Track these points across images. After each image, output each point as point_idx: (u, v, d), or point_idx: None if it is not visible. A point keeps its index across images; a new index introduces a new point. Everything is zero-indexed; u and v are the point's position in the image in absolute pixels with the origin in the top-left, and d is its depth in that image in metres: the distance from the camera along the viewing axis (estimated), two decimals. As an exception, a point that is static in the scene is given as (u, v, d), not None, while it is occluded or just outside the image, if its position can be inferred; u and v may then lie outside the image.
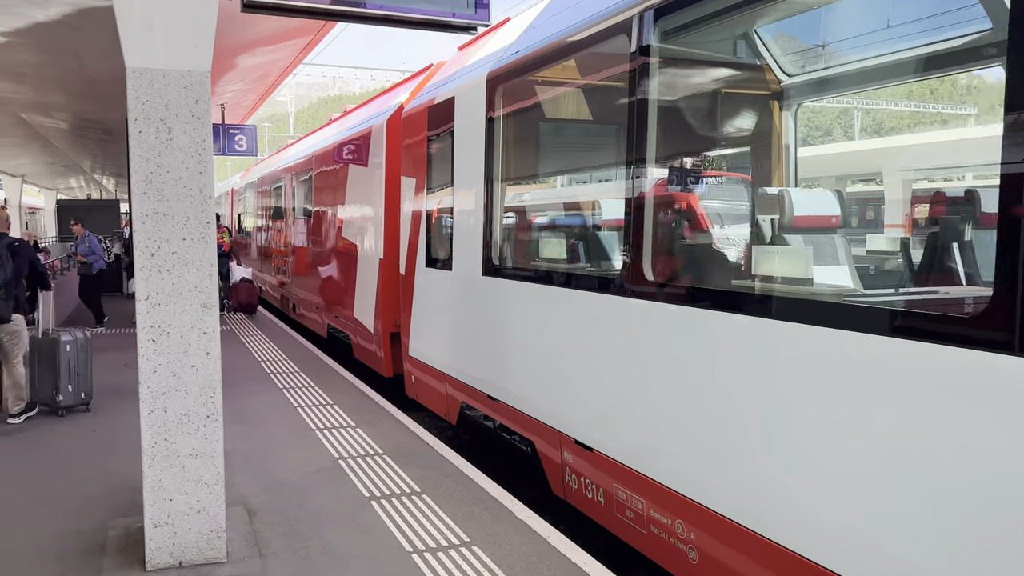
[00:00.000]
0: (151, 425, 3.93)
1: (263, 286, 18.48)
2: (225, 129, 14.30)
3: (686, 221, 4.11)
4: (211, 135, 4.01)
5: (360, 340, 10.08)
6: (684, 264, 4.19)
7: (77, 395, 7.35)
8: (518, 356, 5.56)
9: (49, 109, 14.93)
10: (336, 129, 12.70)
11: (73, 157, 25.94)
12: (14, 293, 6.68)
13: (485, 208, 6.07)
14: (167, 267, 3.94)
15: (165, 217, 3.92)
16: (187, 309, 3.97)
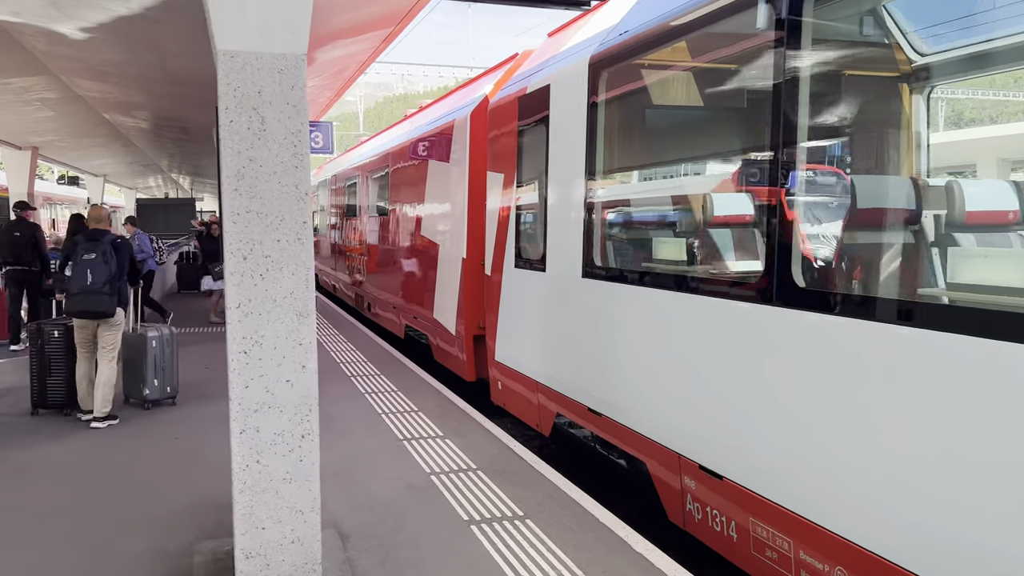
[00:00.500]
0: (242, 446, 3.57)
1: (337, 284, 18.41)
2: (301, 126, 14.18)
3: (842, 218, 3.54)
4: (307, 125, 3.62)
5: (440, 342, 9.72)
6: (843, 268, 3.61)
7: (163, 389, 7.50)
8: (626, 367, 5.05)
9: (130, 108, 15.08)
10: (412, 125, 12.38)
11: (152, 156, 26.51)
12: (117, 288, 6.76)
13: (585, 204, 5.58)
14: (260, 271, 3.57)
15: (258, 216, 3.55)
16: (282, 318, 3.59)
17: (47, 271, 11.14)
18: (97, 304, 6.62)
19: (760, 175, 3.94)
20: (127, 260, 6.96)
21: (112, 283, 6.67)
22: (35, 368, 7.16)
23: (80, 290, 6.59)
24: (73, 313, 6.77)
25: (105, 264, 6.60)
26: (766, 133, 3.74)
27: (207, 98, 13.36)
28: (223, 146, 3.49)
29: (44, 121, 16.41)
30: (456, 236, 8.98)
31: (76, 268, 6.63)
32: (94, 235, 6.86)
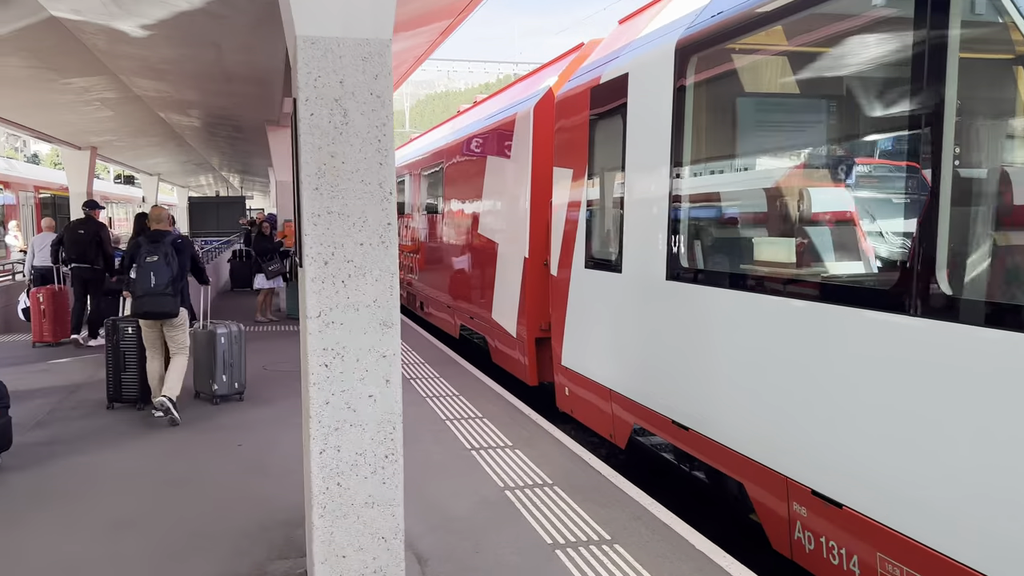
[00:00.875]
0: (322, 467, 3.29)
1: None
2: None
3: (1004, 215, 3.11)
4: (392, 118, 3.32)
5: (499, 344, 9.41)
6: (1004, 273, 3.18)
7: (231, 385, 7.63)
8: (720, 379, 4.66)
9: (185, 107, 15.10)
10: (467, 121, 12.10)
11: (204, 155, 26.78)
12: (179, 289, 6.86)
13: (670, 199, 5.20)
14: (342, 277, 3.28)
15: (340, 217, 3.27)
16: (364, 328, 3.31)
17: (111, 269, 11.15)
18: (161, 305, 6.70)
19: (899, 168, 3.52)
20: (188, 260, 7.02)
21: (175, 284, 6.73)
22: (110, 363, 7.38)
23: (144, 292, 6.67)
24: (139, 314, 6.87)
25: (167, 265, 6.67)
26: (905, 121, 3.32)
27: (260, 95, 13.30)
28: (302, 141, 3.22)
29: (103, 121, 16.56)
30: (517, 234, 8.67)
31: (140, 270, 6.71)
32: (155, 236, 6.91)
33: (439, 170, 12.69)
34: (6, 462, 5.74)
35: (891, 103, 3.51)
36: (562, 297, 7.23)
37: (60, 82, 11.84)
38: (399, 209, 16.36)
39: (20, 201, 21.58)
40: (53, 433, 6.64)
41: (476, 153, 10.37)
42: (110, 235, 11.54)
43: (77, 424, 6.92)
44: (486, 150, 9.86)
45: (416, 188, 14.55)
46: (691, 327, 4.96)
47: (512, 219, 8.90)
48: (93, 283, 10.96)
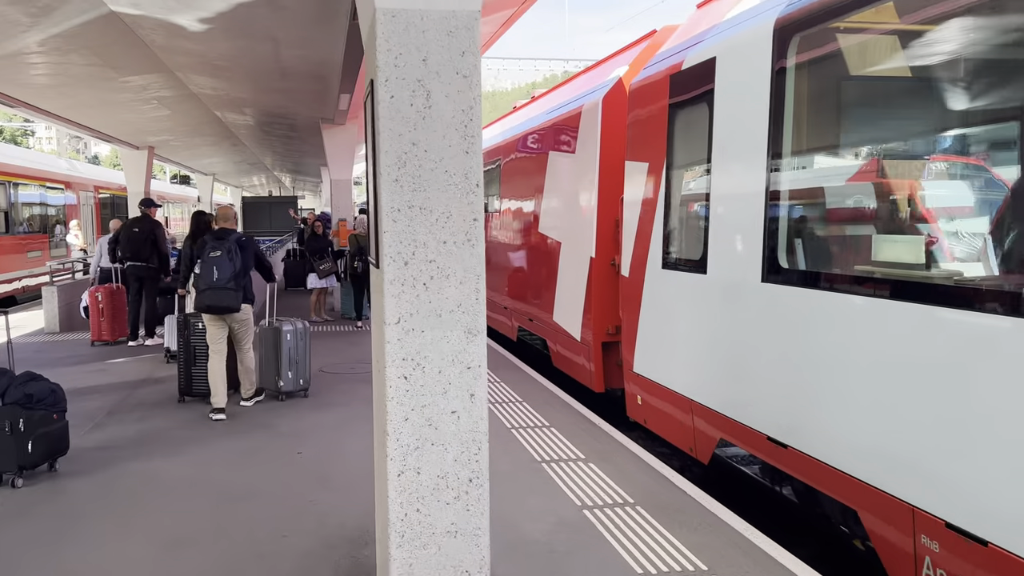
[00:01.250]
0: (400, 491, 2.94)
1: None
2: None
3: None
4: (479, 101, 2.96)
5: (561, 348, 9.02)
6: None
7: (296, 381, 7.72)
8: (831, 394, 4.19)
9: (241, 105, 15.06)
10: (526, 116, 11.73)
11: (257, 154, 26.97)
12: (242, 284, 6.94)
13: (767, 193, 4.74)
14: (423, 280, 2.93)
15: (422, 212, 2.92)
16: (448, 336, 2.95)
17: (165, 268, 11.09)
18: (222, 299, 6.77)
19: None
20: (252, 257, 7.12)
21: (237, 279, 6.81)
22: (181, 358, 7.57)
23: (207, 286, 6.79)
24: (201, 309, 6.95)
25: (230, 261, 6.76)
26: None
27: (316, 92, 13.12)
28: (381, 127, 2.87)
29: (160, 120, 16.65)
30: (583, 233, 8.26)
31: (204, 265, 6.84)
32: (221, 234, 7.04)
33: (496, 167, 12.35)
34: (63, 467, 5.57)
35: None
36: (635, 300, 6.81)
37: (119, 80, 11.84)
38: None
39: (80, 201, 21.96)
40: (110, 436, 6.47)
41: (536, 149, 9.99)
42: (165, 234, 11.48)
43: (134, 427, 6.75)
44: (547, 145, 9.47)
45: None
46: (793, 334, 4.49)
47: (577, 217, 8.50)
48: (148, 281, 10.90)
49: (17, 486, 5.17)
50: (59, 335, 11.88)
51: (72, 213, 21.05)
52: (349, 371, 9.09)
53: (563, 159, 8.97)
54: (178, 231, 32.07)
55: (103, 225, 23.50)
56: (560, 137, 9.02)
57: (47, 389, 5.32)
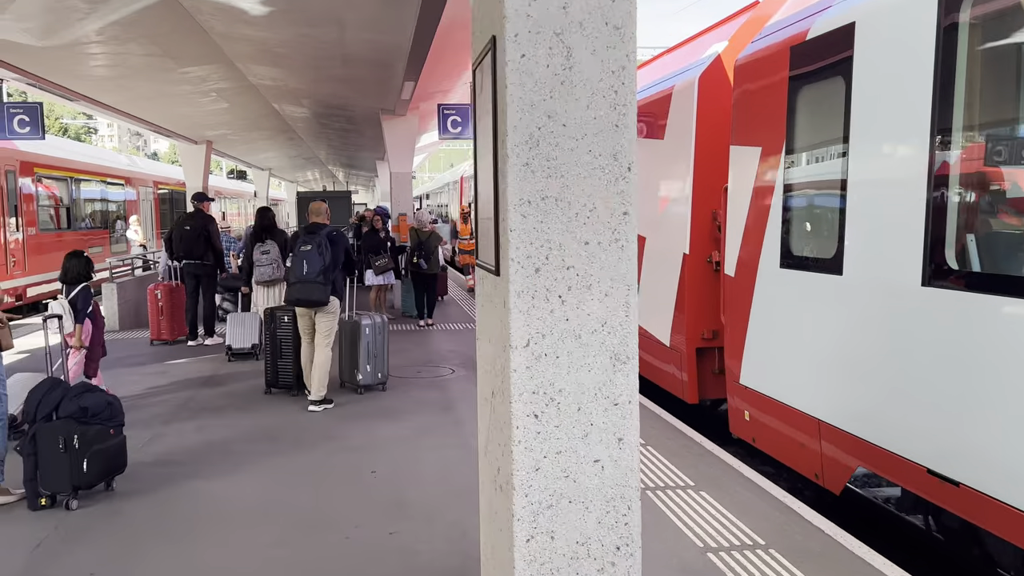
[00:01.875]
0: (531, 560, 2.31)
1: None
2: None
3: None
4: (634, 60, 2.29)
5: (645, 353, 8.30)
6: None
7: (375, 375, 7.70)
8: (1017, 424, 3.42)
9: (299, 97, 14.67)
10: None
11: (313, 148, 26.79)
12: (331, 279, 6.97)
13: (930, 179, 3.96)
14: (559, 291, 2.29)
15: (558, 205, 2.27)
16: (589, 363, 2.31)
17: (220, 265, 10.71)
18: (310, 293, 6.83)
19: None
20: (342, 252, 7.18)
21: (326, 274, 6.84)
22: (267, 350, 7.67)
23: (296, 280, 6.86)
24: (291, 302, 7.09)
25: (320, 256, 6.79)
26: None
27: (379, 80, 12.59)
28: (510, 96, 2.23)
29: (218, 113, 16.41)
30: (673, 227, 7.52)
31: (294, 259, 6.94)
32: (312, 228, 7.11)
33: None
34: (121, 486, 5.10)
35: None
36: (742, 302, 6.06)
37: (177, 72, 11.51)
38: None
39: (140, 196, 22.00)
40: (169, 448, 6.02)
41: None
42: (219, 228, 11.06)
43: (194, 438, 6.29)
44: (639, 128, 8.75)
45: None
46: (967, 349, 3.71)
47: (667, 210, 7.76)
48: (204, 279, 10.52)
49: (72, 508, 4.72)
50: (118, 333, 11.63)
51: (132, 209, 21.08)
52: (415, 375, 8.54)
53: (647, 146, 8.24)
54: (234, 225, 32.18)
55: (162, 221, 23.56)
56: (644, 122, 8.28)
57: (103, 402, 4.85)
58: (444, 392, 7.75)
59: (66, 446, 4.62)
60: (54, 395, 4.73)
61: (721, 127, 6.83)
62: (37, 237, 15.20)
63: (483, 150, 2.60)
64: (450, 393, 7.70)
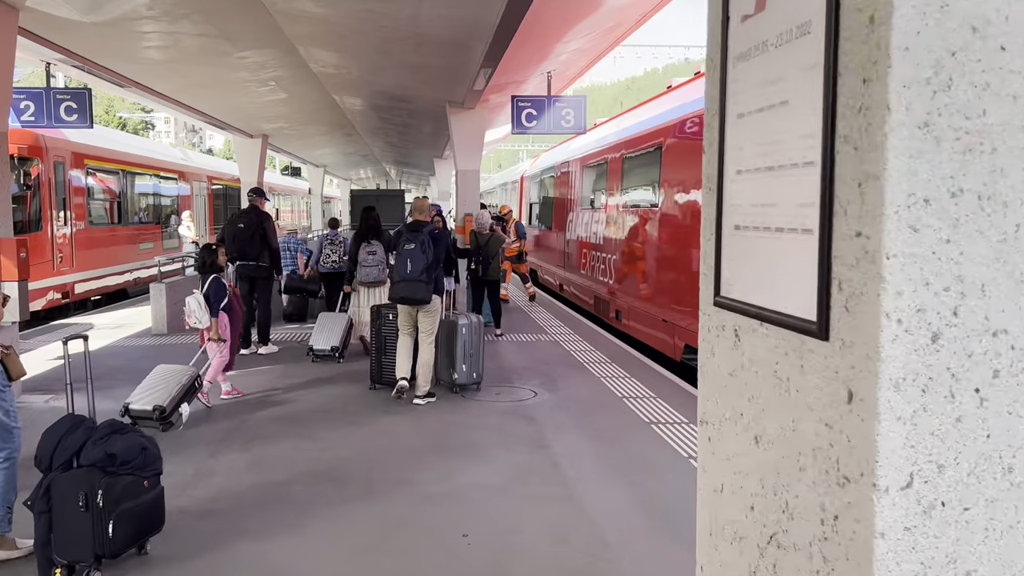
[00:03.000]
0: None
1: (565, 284, 16.31)
2: (552, 102, 12.04)
3: None
4: None
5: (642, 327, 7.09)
6: None
7: (470, 375, 7.69)
8: None
9: (362, 87, 13.76)
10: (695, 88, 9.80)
11: (369, 143, 26.02)
12: (434, 277, 7.05)
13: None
14: (973, 378, 1.14)
15: (981, 207, 1.13)
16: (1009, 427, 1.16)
17: (277, 266, 9.81)
18: (414, 292, 6.92)
19: None
20: (443, 250, 7.24)
21: (429, 272, 6.91)
22: (373, 347, 7.83)
23: (400, 278, 6.95)
24: (395, 299, 7.19)
25: (423, 254, 6.87)
26: None
27: (451, 68, 11.46)
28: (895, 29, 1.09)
29: (275, 105, 15.63)
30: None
31: (398, 258, 7.01)
32: (415, 226, 7.15)
33: (655, 151, 10.48)
34: (156, 548, 4.12)
35: None
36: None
37: (234, 56, 10.66)
38: (592, 201, 14.31)
39: (193, 191, 21.44)
40: (216, 492, 5.03)
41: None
42: (275, 227, 10.15)
43: (247, 479, 5.30)
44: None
45: (617, 176, 12.39)
46: None
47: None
48: (260, 282, 9.61)
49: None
50: (166, 338, 10.83)
51: (185, 204, 20.52)
52: (495, 398, 7.49)
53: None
54: (285, 222, 31.66)
55: (216, 217, 23.00)
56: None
57: (136, 446, 3.86)
58: (530, 421, 6.67)
59: (87, 503, 3.64)
60: (75, 437, 3.76)
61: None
62: (86, 231, 14.59)
63: (828, 116, 1.43)
64: (537, 423, 6.61)
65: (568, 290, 16.19)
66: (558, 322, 12.63)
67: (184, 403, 6.34)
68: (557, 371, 8.73)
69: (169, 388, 6.24)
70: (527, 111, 11.79)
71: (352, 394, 7.64)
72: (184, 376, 6.42)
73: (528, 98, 11.90)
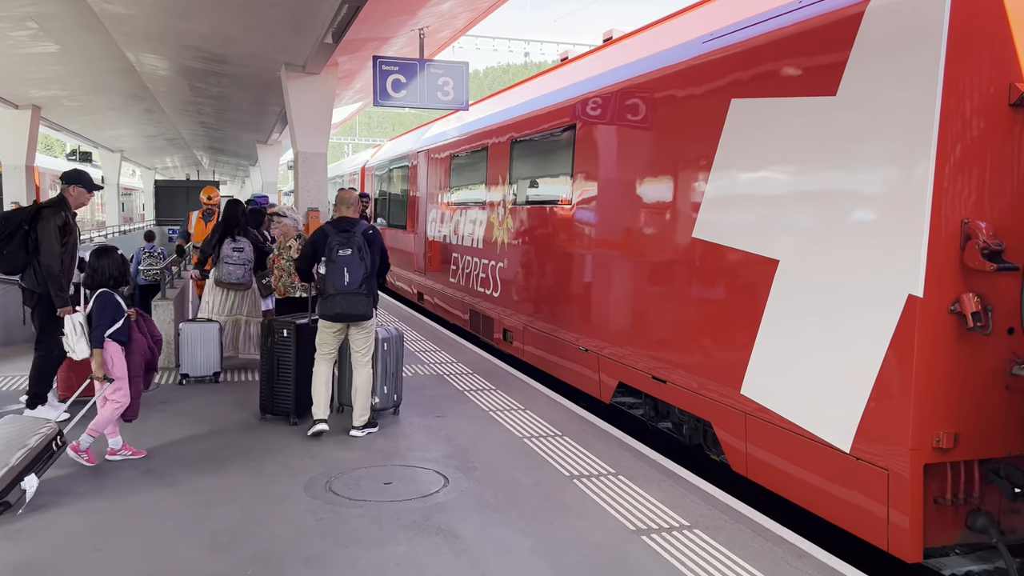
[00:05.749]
0: None
1: (429, 295, 13.75)
2: (426, 67, 9.45)
3: None
4: None
5: (772, 455, 5.05)
6: None
7: (390, 398, 6.56)
8: None
9: (163, 40, 10.42)
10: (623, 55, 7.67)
11: (176, 124, 21.93)
12: (374, 287, 5.95)
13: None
14: None
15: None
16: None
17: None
18: (356, 307, 5.81)
19: None
20: (379, 254, 6.09)
21: (369, 282, 5.87)
22: (264, 370, 6.47)
23: (336, 291, 5.75)
24: (330, 317, 5.88)
25: (361, 261, 5.79)
26: None
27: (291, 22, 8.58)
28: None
29: (45, 62, 11.80)
30: (870, 249, 4.32)
31: (331, 267, 5.74)
32: (345, 225, 5.92)
33: (565, 132, 8.26)
34: None
35: None
36: None
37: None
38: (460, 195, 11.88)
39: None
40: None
41: (690, 96, 6.02)
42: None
43: None
44: (730, 89, 5.47)
45: (499, 165, 10.01)
46: None
47: (840, 216, 4.53)
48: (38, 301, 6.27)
49: None
50: None
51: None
52: (386, 496, 4.89)
53: (787, 109, 4.98)
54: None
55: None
56: (780, 70, 5.03)
57: None
58: (449, 539, 4.14)
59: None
60: None
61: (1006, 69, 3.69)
62: None
63: None
64: (462, 542, 4.10)
65: (431, 301, 13.63)
66: (431, 345, 10.09)
67: (32, 474, 4.47)
68: (461, 428, 6.27)
69: (6, 454, 4.41)
70: (393, 77, 9.14)
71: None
72: (34, 435, 4.58)
73: (394, 60, 9.24)
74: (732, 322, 5.40)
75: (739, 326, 5.31)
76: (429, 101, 9.34)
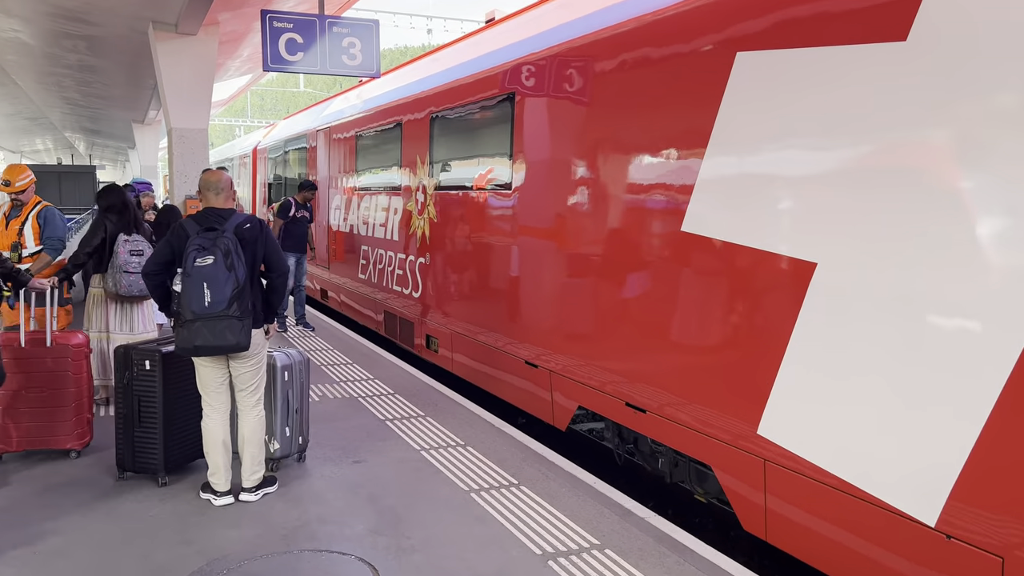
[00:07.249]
0: None
1: (331, 291, 12.13)
2: (328, 26, 7.83)
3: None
4: None
5: (799, 514, 3.90)
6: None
7: (294, 441, 5.11)
8: None
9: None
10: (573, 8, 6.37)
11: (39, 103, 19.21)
12: (248, 304, 4.35)
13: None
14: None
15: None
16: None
17: None
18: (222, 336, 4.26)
19: None
20: (262, 255, 4.56)
21: (241, 299, 4.28)
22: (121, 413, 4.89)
23: (195, 316, 4.23)
24: (189, 351, 4.34)
25: (229, 271, 4.26)
26: None
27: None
28: None
29: None
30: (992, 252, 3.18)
31: (188, 282, 4.25)
32: (208, 221, 4.39)
33: (502, 103, 6.90)
34: None
35: None
36: None
37: None
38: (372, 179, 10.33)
39: None
40: None
41: (677, 54, 4.80)
42: None
43: None
44: (735, 42, 4.26)
45: (420, 141, 8.52)
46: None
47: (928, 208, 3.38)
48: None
49: None
50: None
51: None
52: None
53: (823, 62, 3.79)
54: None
55: None
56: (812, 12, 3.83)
57: None
58: None
59: None
60: None
61: None
62: None
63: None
64: None
65: (337, 299, 12.02)
66: (341, 356, 8.55)
67: None
68: (387, 480, 4.84)
69: None
70: (288, 36, 7.50)
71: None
72: None
73: (288, 15, 7.58)
74: (746, 341, 4.21)
75: (757, 347, 4.12)
76: (332, 66, 7.75)
